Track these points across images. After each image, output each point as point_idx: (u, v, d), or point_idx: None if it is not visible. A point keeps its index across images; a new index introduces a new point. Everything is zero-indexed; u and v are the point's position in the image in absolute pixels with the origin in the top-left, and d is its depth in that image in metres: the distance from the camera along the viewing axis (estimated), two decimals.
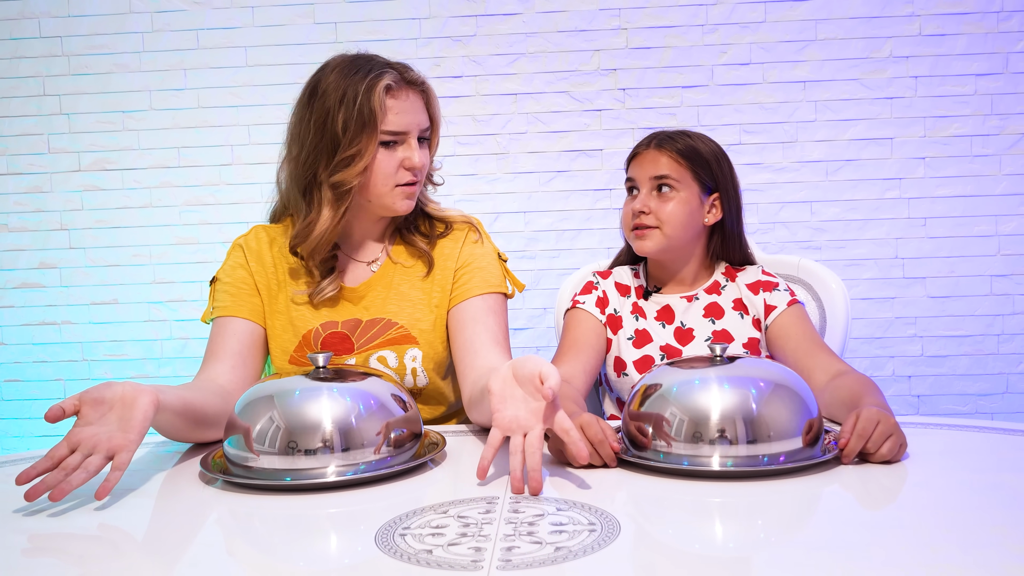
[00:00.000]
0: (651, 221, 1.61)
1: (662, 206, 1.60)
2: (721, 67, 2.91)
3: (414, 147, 1.47)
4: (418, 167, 1.48)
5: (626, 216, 1.66)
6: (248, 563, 0.96)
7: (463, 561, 0.86)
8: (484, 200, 2.96)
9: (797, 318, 1.61)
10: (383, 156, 1.46)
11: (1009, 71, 2.85)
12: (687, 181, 1.61)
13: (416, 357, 1.52)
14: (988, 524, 0.93)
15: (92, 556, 0.95)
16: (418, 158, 1.47)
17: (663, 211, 1.60)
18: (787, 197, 2.92)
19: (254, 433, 1.15)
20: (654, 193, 1.62)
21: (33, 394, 3.09)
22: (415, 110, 1.48)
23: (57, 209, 3.04)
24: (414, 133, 1.47)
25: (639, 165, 1.64)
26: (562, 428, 1.10)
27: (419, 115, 1.49)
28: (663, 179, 1.61)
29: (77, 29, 2.98)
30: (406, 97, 1.47)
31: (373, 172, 1.46)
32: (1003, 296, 2.91)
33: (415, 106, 1.48)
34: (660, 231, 1.61)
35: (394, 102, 1.45)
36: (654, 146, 1.63)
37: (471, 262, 1.55)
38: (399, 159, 1.47)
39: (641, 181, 1.63)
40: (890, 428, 1.16)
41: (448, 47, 2.95)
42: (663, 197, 1.61)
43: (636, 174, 1.64)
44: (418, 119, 1.48)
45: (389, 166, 1.47)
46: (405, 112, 1.46)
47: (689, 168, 1.61)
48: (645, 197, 1.62)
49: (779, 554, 0.91)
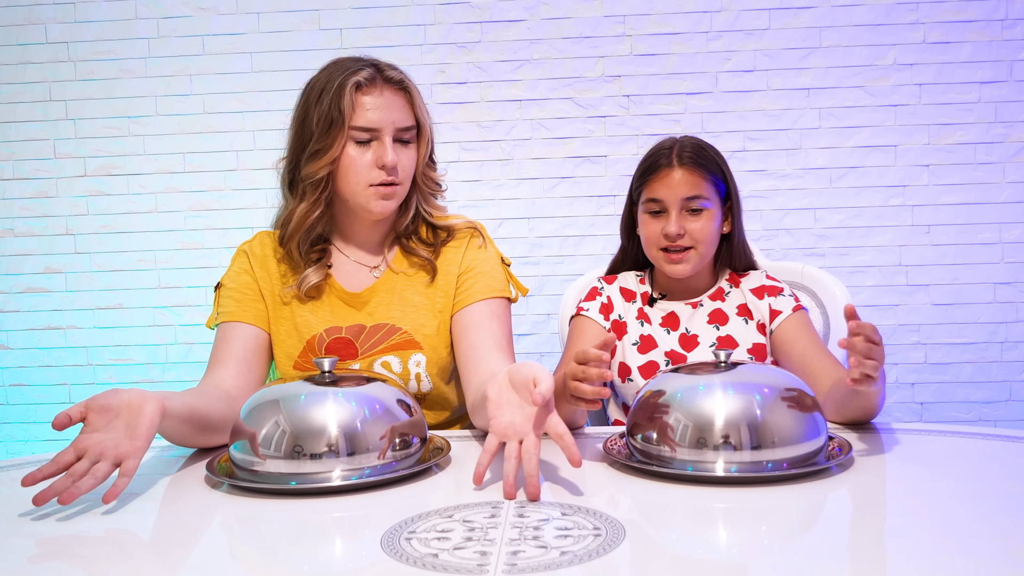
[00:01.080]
0: (687, 242, 1.58)
1: (695, 225, 1.58)
2: (725, 74, 2.91)
3: (387, 146, 1.46)
4: (390, 166, 1.46)
5: (653, 236, 1.61)
6: (253, 567, 0.96)
7: (469, 565, 0.87)
8: (488, 206, 2.96)
9: (802, 324, 1.61)
10: (356, 153, 1.46)
11: (1013, 79, 2.86)
12: (712, 195, 1.59)
13: (420, 362, 1.53)
14: (991, 532, 0.94)
15: (98, 559, 0.95)
16: (391, 157, 1.45)
17: (697, 231, 1.57)
18: (791, 204, 2.93)
19: (260, 437, 1.15)
20: (684, 213, 1.58)
21: (38, 398, 3.09)
22: (390, 107, 1.47)
23: (63, 214, 3.05)
24: (388, 131, 1.46)
25: (667, 186, 1.58)
26: (556, 433, 1.10)
27: (395, 113, 1.47)
28: (697, 199, 1.57)
29: (83, 35, 2.99)
30: (380, 94, 1.46)
31: (344, 169, 1.47)
32: (1007, 304, 2.91)
33: (391, 103, 1.47)
34: (695, 251, 1.59)
35: (367, 99, 1.45)
36: (682, 164, 1.58)
37: (474, 267, 1.55)
38: (372, 158, 1.47)
39: (671, 202, 1.58)
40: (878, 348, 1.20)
41: (453, 53, 2.96)
42: (696, 217, 1.58)
43: (665, 196, 1.58)
44: (393, 117, 1.47)
45: (361, 164, 1.46)
46: (378, 109, 1.46)
47: (711, 181, 1.59)
48: (679, 218, 1.57)
49: (782, 560, 0.91)
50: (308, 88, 1.50)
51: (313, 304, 1.54)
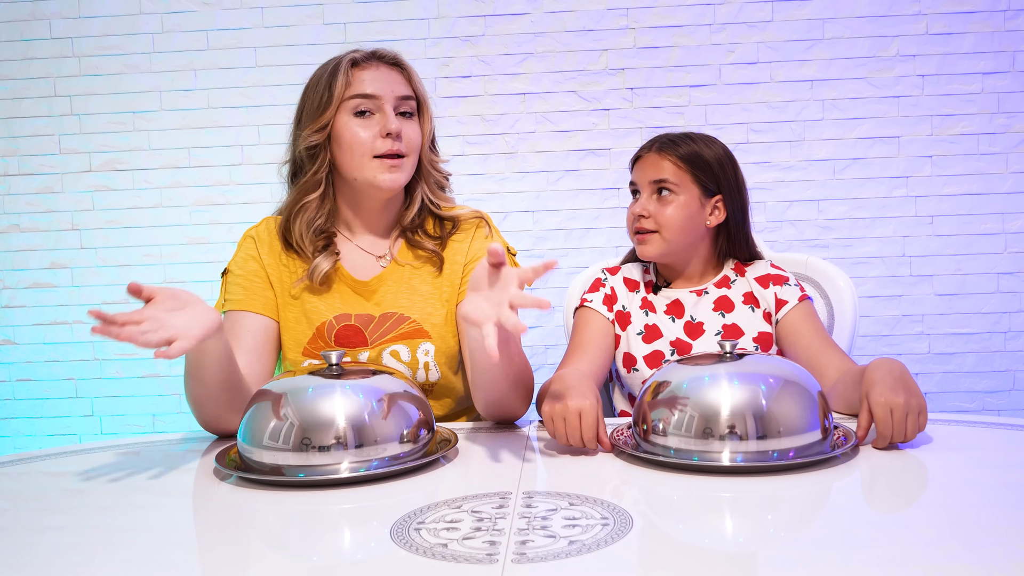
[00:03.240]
0: (650, 225, 1.63)
1: (661, 210, 1.62)
2: (728, 66, 2.92)
3: (389, 113, 1.47)
4: (395, 132, 1.47)
5: (629, 218, 1.68)
6: (263, 559, 0.97)
7: (478, 555, 0.88)
8: (493, 199, 2.97)
9: (808, 314, 1.62)
10: (357, 125, 1.48)
11: (1016, 69, 2.86)
12: (687, 185, 1.62)
13: (429, 351, 1.54)
14: (996, 521, 0.94)
15: (106, 551, 0.96)
16: (394, 124, 1.47)
17: (662, 215, 1.62)
18: (794, 196, 2.93)
19: (268, 430, 1.16)
20: (654, 197, 1.63)
21: (45, 393, 3.11)
22: (388, 79, 1.49)
23: (68, 209, 3.06)
24: (388, 99, 1.48)
25: (640, 168, 1.66)
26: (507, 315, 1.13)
27: (394, 84, 1.49)
28: (662, 183, 1.62)
29: (88, 30, 3.00)
30: (376, 68, 1.50)
31: (347, 144, 1.48)
32: (1010, 293, 2.92)
33: (388, 76, 1.50)
34: (660, 235, 1.63)
35: (362, 72, 1.49)
36: (655, 150, 1.65)
37: (480, 256, 1.56)
38: (375, 128, 1.48)
39: (642, 185, 1.65)
40: (904, 406, 1.19)
41: (457, 47, 2.96)
42: (662, 201, 1.63)
43: (638, 177, 1.66)
44: (392, 87, 1.49)
45: (364, 135, 1.47)
46: (376, 80, 1.48)
47: (689, 172, 1.62)
48: (645, 201, 1.64)
49: (788, 549, 0.92)
50: (306, 86, 1.54)
51: (322, 291, 1.54)
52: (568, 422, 1.23)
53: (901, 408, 1.18)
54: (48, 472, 1.31)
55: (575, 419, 1.23)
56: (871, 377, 1.24)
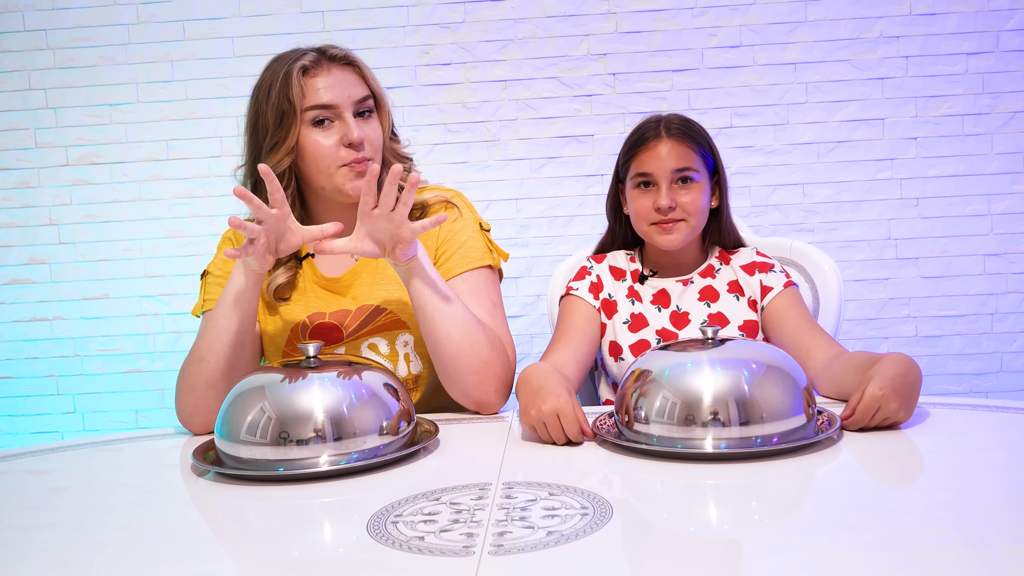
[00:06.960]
0: (678, 215, 1.58)
1: (686, 198, 1.57)
2: (711, 50, 2.90)
3: (350, 121, 1.45)
4: (357, 141, 1.44)
5: (643, 211, 1.60)
6: (242, 554, 0.95)
7: (455, 547, 0.86)
8: (475, 188, 2.94)
9: (793, 300, 1.60)
10: (318, 137, 1.45)
11: (1000, 49, 2.85)
12: (701, 168, 1.59)
13: (408, 342, 1.52)
14: (984, 504, 0.93)
15: (83, 548, 0.95)
16: (357, 132, 1.44)
17: (688, 203, 1.57)
18: (779, 180, 2.92)
19: (245, 424, 1.14)
20: (675, 185, 1.58)
21: (25, 391, 3.07)
22: (343, 84, 1.46)
23: (46, 204, 3.02)
24: (346, 107, 1.45)
25: (656, 158, 1.58)
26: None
27: (349, 88, 1.46)
28: (686, 170, 1.57)
29: (62, 22, 2.95)
30: (328, 72, 1.45)
31: (310, 156, 1.45)
32: (996, 275, 2.91)
33: (342, 80, 1.46)
34: (686, 223, 1.58)
35: (316, 80, 1.45)
36: (670, 136, 1.58)
37: (449, 239, 1.53)
38: (337, 138, 1.45)
39: (660, 175, 1.57)
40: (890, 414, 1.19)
41: (437, 34, 2.93)
42: (687, 188, 1.58)
43: (655, 168, 1.58)
44: (348, 92, 1.46)
45: (327, 146, 1.45)
46: (331, 87, 1.44)
47: (700, 154, 1.59)
48: (669, 191, 1.57)
49: (773, 536, 0.91)
50: (255, 90, 1.50)
51: (295, 294, 1.53)
52: (550, 426, 1.22)
53: (886, 413, 1.19)
54: (30, 470, 1.30)
55: (555, 420, 1.22)
56: (885, 369, 1.22)
